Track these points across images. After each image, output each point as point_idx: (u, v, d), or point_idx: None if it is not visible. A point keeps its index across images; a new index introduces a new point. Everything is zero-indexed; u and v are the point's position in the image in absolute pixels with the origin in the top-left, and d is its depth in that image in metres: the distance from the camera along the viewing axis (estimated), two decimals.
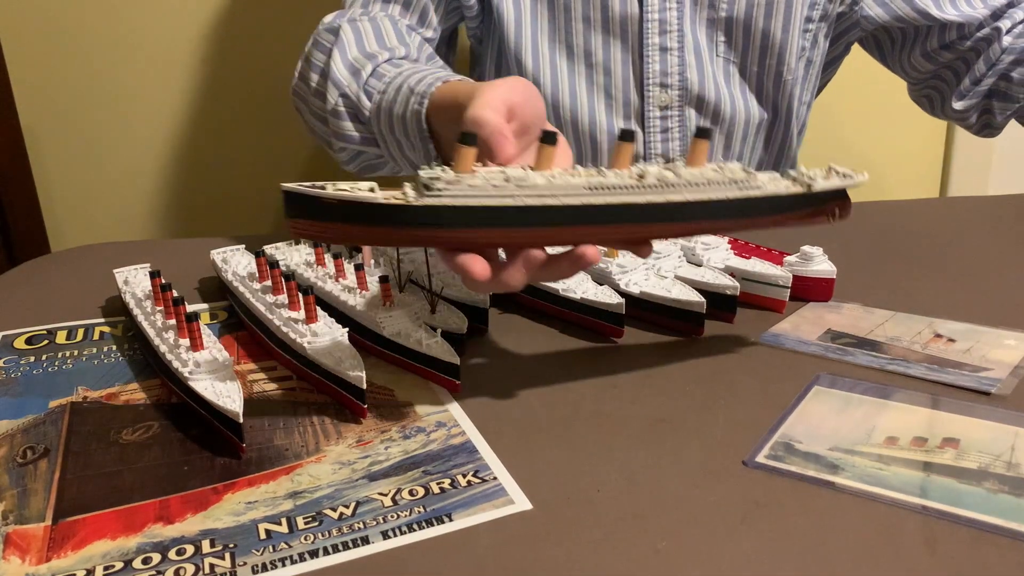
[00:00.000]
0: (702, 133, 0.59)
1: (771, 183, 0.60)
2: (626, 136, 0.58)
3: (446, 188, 0.53)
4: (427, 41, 1.00)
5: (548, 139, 0.56)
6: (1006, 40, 1.03)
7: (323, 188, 0.53)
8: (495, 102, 0.62)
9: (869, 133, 1.67)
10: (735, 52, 1.03)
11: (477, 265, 0.55)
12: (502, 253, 0.59)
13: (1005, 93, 1.05)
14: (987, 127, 1.10)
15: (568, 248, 0.58)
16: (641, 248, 0.61)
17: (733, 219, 0.60)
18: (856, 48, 1.14)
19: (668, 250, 0.78)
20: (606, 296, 0.72)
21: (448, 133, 0.76)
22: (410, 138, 0.79)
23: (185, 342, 0.64)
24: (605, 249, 0.74)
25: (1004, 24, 1.02)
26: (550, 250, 0.58)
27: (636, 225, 0.57)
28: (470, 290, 0.59)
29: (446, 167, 0.54)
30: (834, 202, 0.63)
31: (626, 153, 0.57)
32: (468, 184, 0.53)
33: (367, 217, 0.53)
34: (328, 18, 0.96)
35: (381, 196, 0.53)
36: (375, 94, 0.85)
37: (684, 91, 1.01)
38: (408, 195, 0.53)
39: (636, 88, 1.01)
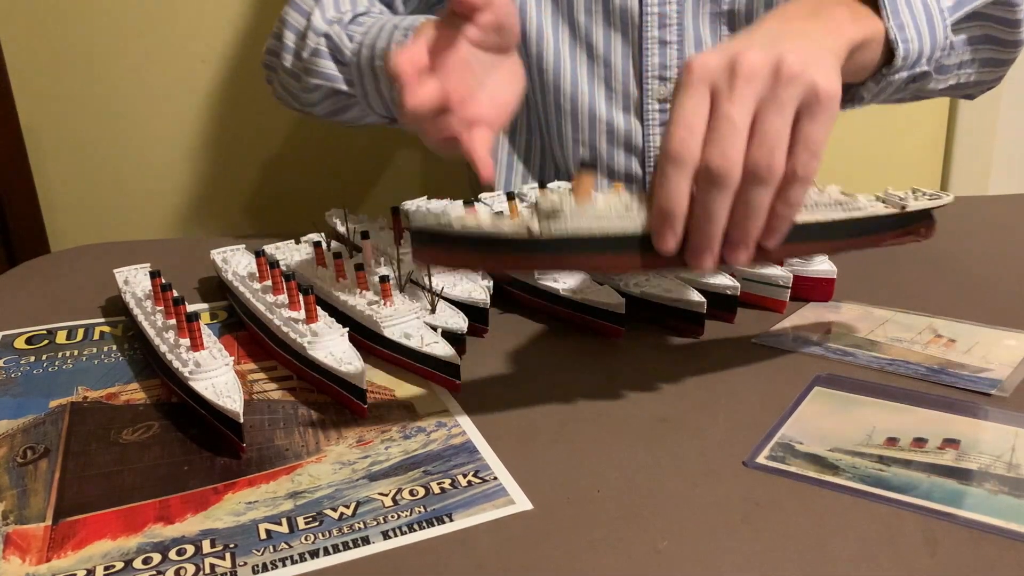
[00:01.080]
0: None
1: (870, 205, 0.61)
2: None
3: (570, 218, 0.53)
4: None
5: None
6: None
7: (447, 217, 0.53)
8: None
9: (869, 133, 1.67)
10: None
11: None
12: None
13: None
14: None
15: None
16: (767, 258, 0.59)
17: (840, 240, 0.61)
18: None
19: None
20: (606, 296, 0.72)
21: None
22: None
23: (185, 342, 0.64)
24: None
25: None
26: None
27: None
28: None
29: (566, 194, 0.54)
30: (922, 222, 0.65)
31: None
32: (592, 214, 0.53)
33: (495, 249, 0.53)
34: None
35: (507, 226, 0.53)
36: (357, 35, 0.87)
37: None
38: (532, 227, 0.53)
39: (635, 80, 1.01)
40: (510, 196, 0.89)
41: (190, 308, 0.67)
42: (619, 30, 0.99)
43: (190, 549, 0.49)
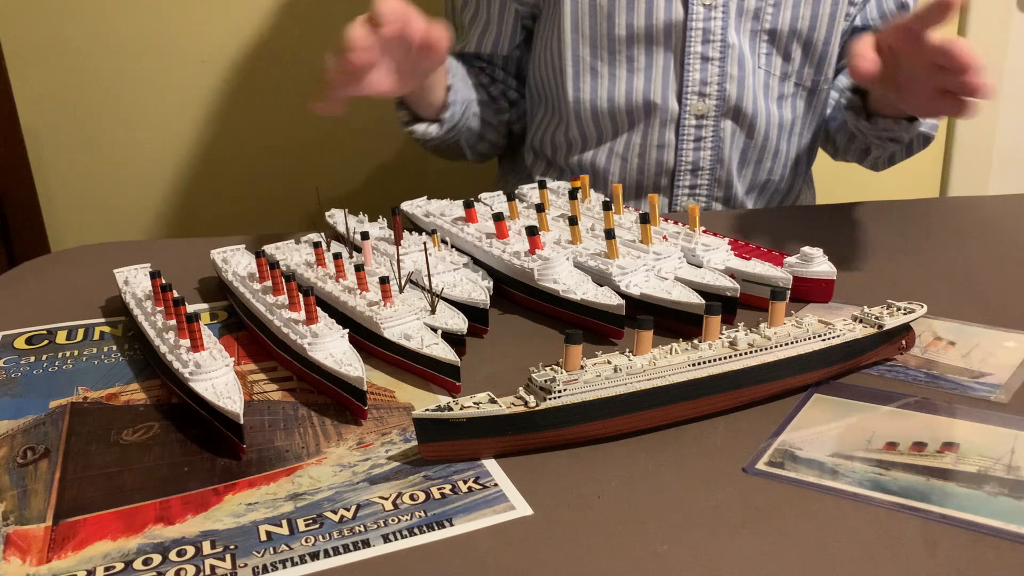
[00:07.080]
0: (777, 295, 0.63)
1: (848, 331, 0.64)
2: (712, 311, 0.61)
3: (565, 388, 0.56)
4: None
5: (644, 325, 0.59)
6: None
7: (450, 409, 0.56)
8: None
9: None
10: (777, 64, 1.03)
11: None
12: None
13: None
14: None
15: None
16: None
17: (821, 368, 0.63)
18: None
19: (668, 251, 0.78)
20: (606, 297, 0.72)
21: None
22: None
23: (185, 342, 0.64)
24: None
25: None
26: None
27: (737, 391, 0.61)
28: None
29: (556, 367, 0.57)
30: (901, 335, 0.67)
31: (715, 326, 0.61)
32: (583, 380, 0.57)
33: (495, 428, 0.56)
34: None
35: (505, 406, 0.56)
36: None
37: (722, 101, 1.01)
38: (528, 401, 0.56)
39: (675, 95, 1.01)
40: (510, 197, 0.89)
41: (190, 308, 0.67)
42: (661, 44, 1.00)
43: (190, 550, 0.49)
